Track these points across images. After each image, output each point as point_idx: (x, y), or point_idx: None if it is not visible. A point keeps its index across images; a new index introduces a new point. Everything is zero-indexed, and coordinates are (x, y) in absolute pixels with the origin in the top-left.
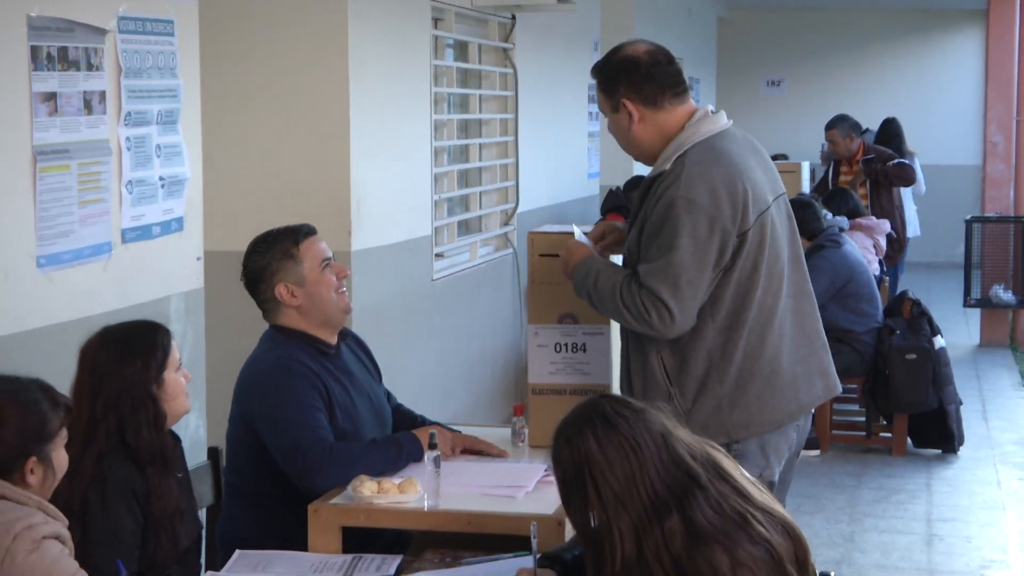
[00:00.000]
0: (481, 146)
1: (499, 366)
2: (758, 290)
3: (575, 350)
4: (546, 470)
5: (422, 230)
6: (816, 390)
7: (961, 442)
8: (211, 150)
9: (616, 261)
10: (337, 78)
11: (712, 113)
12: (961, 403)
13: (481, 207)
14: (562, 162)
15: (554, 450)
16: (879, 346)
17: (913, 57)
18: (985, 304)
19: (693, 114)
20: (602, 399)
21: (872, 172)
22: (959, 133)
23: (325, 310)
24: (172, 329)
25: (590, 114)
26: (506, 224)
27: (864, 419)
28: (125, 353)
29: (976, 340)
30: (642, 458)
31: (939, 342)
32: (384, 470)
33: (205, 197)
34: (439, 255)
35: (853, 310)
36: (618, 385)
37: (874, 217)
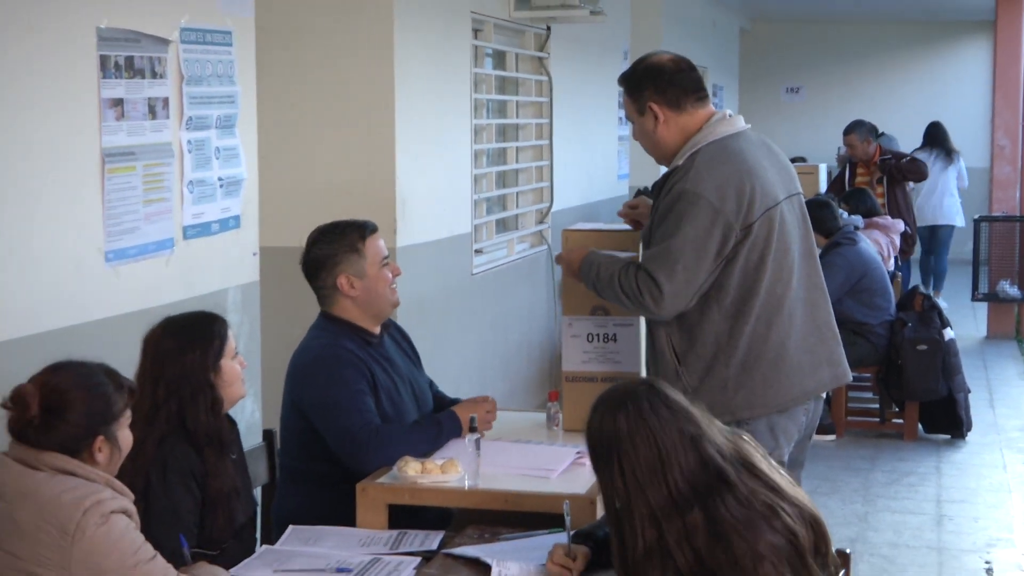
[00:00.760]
0: (518, 149)
1: (534, 355)
2: (765, 280)
3: (606, 340)
4: (578, 453)
5: (462, 228)
6: (823, 378)
7: (969, 428)
8: (266, 152)
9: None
10: (383, 85)
11: (729, 117)
12: (969, 391)
13: (518, 206)
14: (593, 164)
15: (589, 419)
16: (892, 337)
17: (924, 65)
18: (992, 298)
19: (711, 117)
20: (642, 388)
21: (887, 168)
22: (968, 137)
23: (379, 304)
24: (229, 319)
25: (620, 119)
26: (541, 222)
27: (878, 406)
28: (185, 342)
29: (983, 332)
30: (665, 456)
31: (948, 334)
32: (426, 449)
33: (260, 196)
34: (478, 251)
35: (867, 304)
36: (645, 370)
37: (889, 216)
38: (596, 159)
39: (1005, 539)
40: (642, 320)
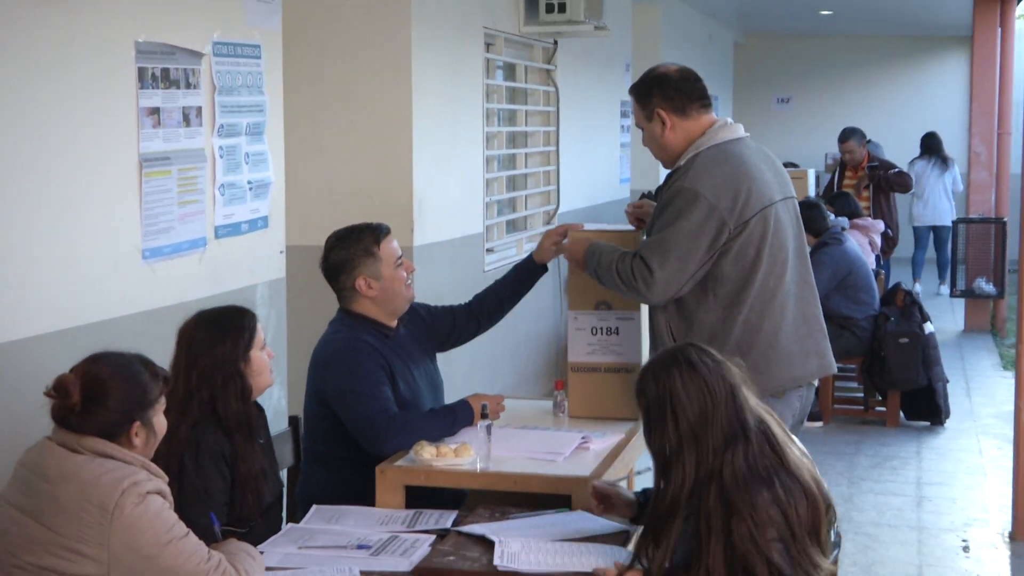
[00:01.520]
0: (526, 155)
1: (541, 346)
2: (760, 273)
3: (609, 333)
4: (583, 438)
5: (475, 228)
6: (811, 367)
7: (947, 415)
8: (292, 158)
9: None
10: (401, 95)
11: (730, 124)
12: (947, 381)
13: (526, 208)
14: (597, 169)
15: (640, 384)
16: (875, 331)
17: (906, 77)
18: (969, 294)
19: (714, 123)
20: (688, 346)
21: (876, 178)
22: (947, 144)
23: (396, 301)
24: (258, 313)
25: (622, 127)
26: (548, 223)
27: (862, 395)
28: (217, 334)
29: (961, 326)
30: (716, 400)
31: (928, 328)
32: (441, 435)
33: (287, 198)
34: (489, 250)
35: (853, 299)
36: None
37: (870, 218)
38: (599, 164)
39: (981, 519)
40: (643, 314)
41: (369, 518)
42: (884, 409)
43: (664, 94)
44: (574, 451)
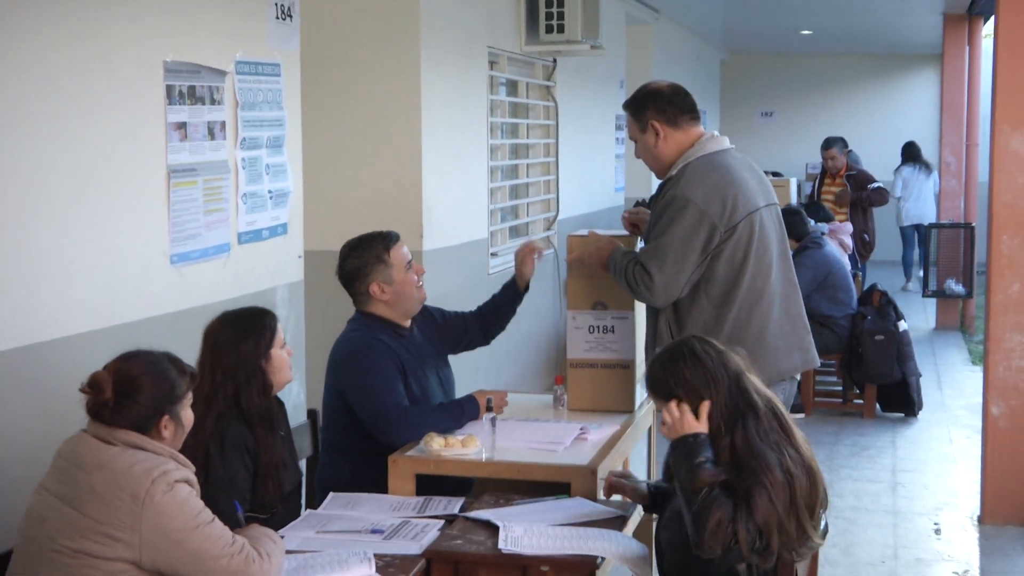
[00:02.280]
0: (528, 165)
1: (542, 344)
2: (747, 275)
3: (605, 331)
4: (581, 429)
5: (480, 234)
6: (795, 361)
7: (920, 407)
8: (310, 168)
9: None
10: (411, 109)
11: (716, 136)
12: (920, 375)
13: (528, 215)
14: (594, 178)
15: (649, 374)
16: (853, 329)
17: (881, 93)
18: (940, 295)
19: (702, 136)
20: (692, 339)
21: (856, 198)
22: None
23: (408, 303)
24: (278, 313)
25: (617, 139)
26: (548, 229)
27: (841, 388)
28: (240, 333)
29: (933, 324)
30: (719, 387)
31: (903, 326)
32: (449, 428)
33: (305, 206)
34: (494, 254)
35: (832, 299)
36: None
37: (838, 222)
38: (596, 174)
39: (951, 503)
40: (637, 313)
41: (382, 504)
42: (861, 402)
43: (657, 107)
44: (573, 441)
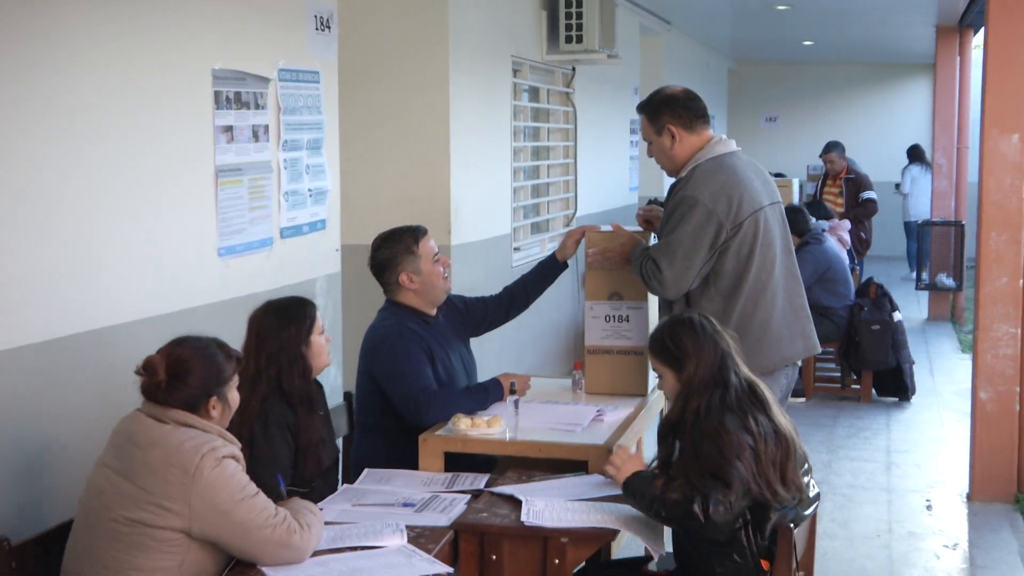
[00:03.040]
0: (548, 166)
1: (562, 332)
2: (753, 268)
3: (620, 320)
4: (598, 411)
5: (503, 229)
6: (798, 349)
7: (913, 392)
8: (346, 168)
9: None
10: (440, 114)
11: (724, 140)
12: (914, 363)
13: (548, 212)
14: (609, 178)
15: (653, 337)
16: (851, 319)
17: (877, 99)
18: (932, 287)
19: (711, 139)
20: (696, 314)
21: (852, 214)
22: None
23: (434, 292)
24: (317, 303)
25: (631, 142)
26: (567, 225)
27: (839, 374)
28: (282, 321)
29: (925, 315)
30: (704, 357)
31: (897, 316)
32: (475, 409)
33: (341, 204)
34: (516, 249)
35: (832, 291)
36: None
37: (836, 219)
38: (612, 174)
39: (942, 481)
40: (651, 304)
41: (413, 480)
42: (859, 387)
43: (674, 112)
44: (590, 422)
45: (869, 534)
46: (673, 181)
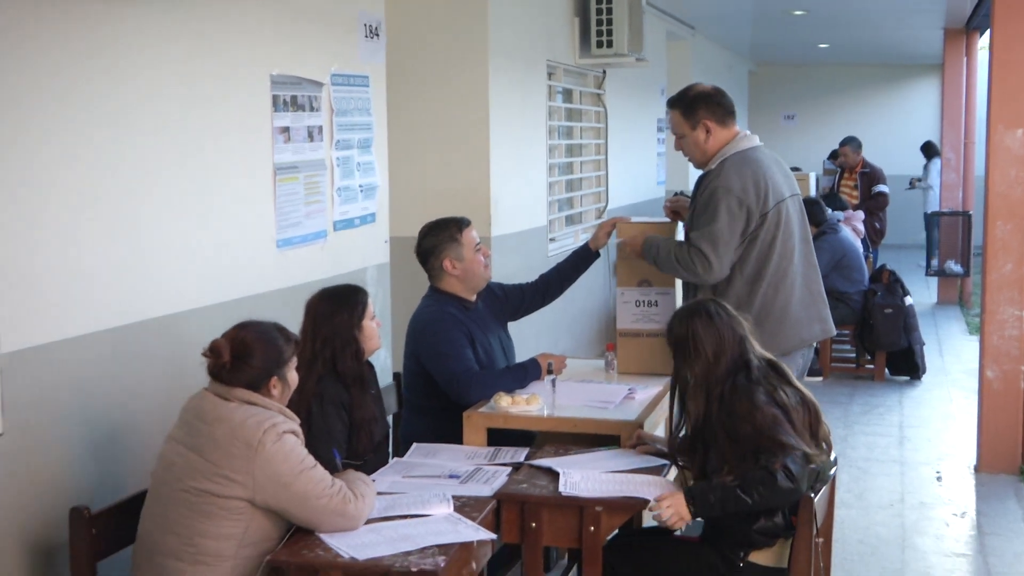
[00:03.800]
0: (581, 163)
1: (594, 317)
2: (775, 256)
3: (650, 305)
4: (630, 389)
5: (540, 222)
6: (815, 331)
7: (924, 372)
8: (394, 166)
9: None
10: (480, 114)
11: (749, 134)
12: (924, 344)
13: (581, 205)
14: (638, 173)
15: (669, 325)
16: (865, 303)
17: (889, 97)
18: (941, 274)
19: (737, 134)
20: (709, 301)
21: (865, 206)
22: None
23: (475, 279)
24: (368, 290)
25: (658, 139)
26: (599, 218)
27: (854, 355)
28: (336, 307)
29: (935, 299)
30: (725, 345)
31: (909, 300)
32: (515, 387)
33: (390, 198)
34: (552, 239)
35: (847, 278)
36: None
37: (851, 210)
38: (640, 169)
39: (951, 454)
40: (677, 290)
41: (458, 453)
42: (872, 367)
43: (709, 107)
44: (622, 400)
45: (883, 504)
46: (701, 173)
